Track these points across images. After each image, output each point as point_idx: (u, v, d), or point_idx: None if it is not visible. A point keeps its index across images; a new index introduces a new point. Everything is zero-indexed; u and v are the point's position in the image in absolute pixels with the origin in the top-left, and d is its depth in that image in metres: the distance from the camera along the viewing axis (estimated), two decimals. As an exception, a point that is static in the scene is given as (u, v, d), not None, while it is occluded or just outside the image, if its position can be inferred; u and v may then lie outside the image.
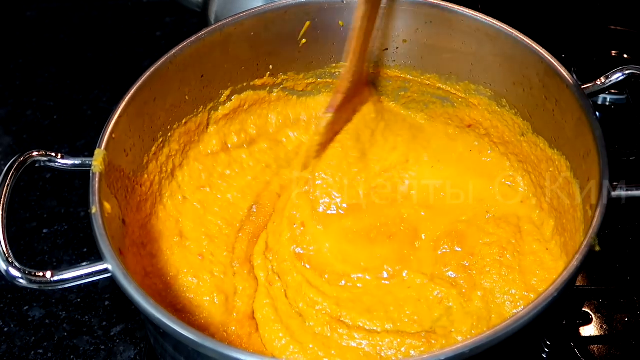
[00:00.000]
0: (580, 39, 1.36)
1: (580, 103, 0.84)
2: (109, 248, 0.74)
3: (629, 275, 1.04)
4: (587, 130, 0.82)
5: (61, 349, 1.02)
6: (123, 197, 0.87)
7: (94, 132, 1.32)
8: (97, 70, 1.45)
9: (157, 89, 0.93)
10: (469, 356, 0.65)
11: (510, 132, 1.01)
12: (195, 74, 0.97)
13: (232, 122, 1.05)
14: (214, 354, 0.68)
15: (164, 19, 1.55)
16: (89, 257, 1.13)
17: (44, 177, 1.25)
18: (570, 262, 0.71)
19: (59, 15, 1.58)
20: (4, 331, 1.05)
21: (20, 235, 1.16)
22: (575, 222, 0.87)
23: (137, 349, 1.02)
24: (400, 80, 1.06)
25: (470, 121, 1.05)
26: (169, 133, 0.97)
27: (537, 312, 0.67)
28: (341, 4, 0.99)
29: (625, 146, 1.19)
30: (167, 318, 0.69)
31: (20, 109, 1.38)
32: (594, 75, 0.93)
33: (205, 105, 1.01)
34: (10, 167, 0.81)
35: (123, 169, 0.88)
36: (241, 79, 1.02)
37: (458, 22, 0.94)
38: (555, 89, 0.89)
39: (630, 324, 0.99)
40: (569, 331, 0.97)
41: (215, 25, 0.97)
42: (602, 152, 0.79)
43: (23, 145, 1.31)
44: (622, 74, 0.90)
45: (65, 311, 1.07)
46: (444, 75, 1.03)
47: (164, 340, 0.80)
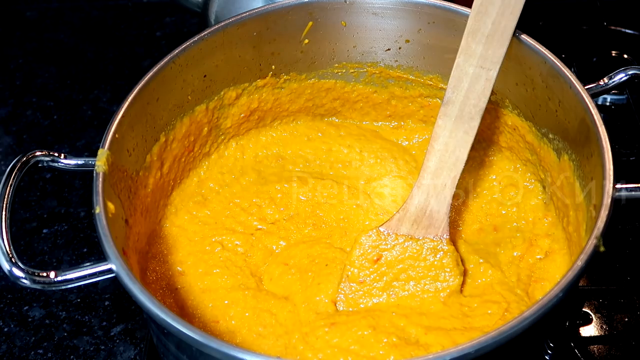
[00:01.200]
0: (580, 39, 1.36)
1: (583, 104, 0.84)
2: (112, 248, 0.74)
3: (629, 275, 1.04)
4: (591, 130, 0.82)
5: (61, 349, 1.02)
6: (126, 197, 0.87)
7: (94, 132, 1.32)
8: (97, 70, 1.45)
9: (160, 89, 0.92)
10: (474, 356, 0.65)
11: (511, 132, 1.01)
12: (198, 74, 0.97)
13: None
14: (217, 353, 0.68)
15: (164, 19, 1.55)
16: (89, 257, 1.13)
17: (44, 177, 1.25)
18: (575, 263, 0.72)
19: (59, 15, 1.58)
20: (4, 331, 1.04)
21: (20, 235, 1.16)
22: (577, 223, 0.87)
23: (137, 349, 1.02)
24: (403, 80, 1.06)
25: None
26: (171, 133, 0.97)
27: (542, 312, 0.67)
28: (344, 4, 0.99)
29: (625, 146, 1.19)
30: (171, 318, 0.69)
31: (20, 109, 1.38)
32: (594, 75, 0.93)
33: (208, 106, 1.01)
34: (13, 167, 0.81)
35: (126, 169, 0.87)
36: (244, 79, 1.02)
37: (461, 23, 0.94)
38: (558, 89, 0.89)
39: (630, 324, 0.99)
40: (569, 331, 0.98)
41: (218, 26, 0.97)
42: (606, 153, 0.79)
43: (23, 145, 1.31)
44: (625, 75, 0.90)
45: (65, 311, 1.06)
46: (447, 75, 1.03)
47: (166, 340, 0.80)
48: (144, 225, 0.93)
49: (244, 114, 1.05)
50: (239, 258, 0.96)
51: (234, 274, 0.94)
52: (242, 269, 0.95)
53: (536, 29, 0.98)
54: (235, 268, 0.95)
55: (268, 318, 0.89)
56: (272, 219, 1.01)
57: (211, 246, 0.97)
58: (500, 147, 1.05)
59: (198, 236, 0.98)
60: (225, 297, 0.91)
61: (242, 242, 0.98)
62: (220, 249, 0.96)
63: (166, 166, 0.98)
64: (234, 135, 1.07)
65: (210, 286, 0.93)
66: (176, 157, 0.99)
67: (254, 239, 0.98)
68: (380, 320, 0.86)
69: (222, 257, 0.96)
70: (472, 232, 0.99)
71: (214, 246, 0.97)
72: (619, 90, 1.23)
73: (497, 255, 0.95)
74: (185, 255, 0.96)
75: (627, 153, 1.18)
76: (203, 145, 1.03)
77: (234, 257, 0.96)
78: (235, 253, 0.97)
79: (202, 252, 0.97)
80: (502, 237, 0.98)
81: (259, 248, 0.97)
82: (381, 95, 1.09)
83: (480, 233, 0.99)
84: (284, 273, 0.94)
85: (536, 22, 1.38)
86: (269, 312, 0.90)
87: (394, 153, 1.08)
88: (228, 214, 1.01)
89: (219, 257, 0.96)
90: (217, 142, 1.05)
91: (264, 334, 0.88)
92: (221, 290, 0.92)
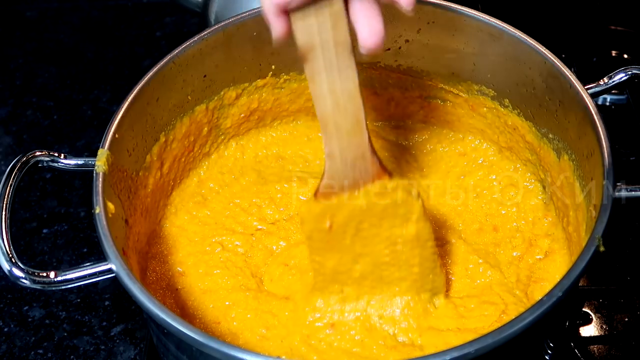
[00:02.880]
0: (580, 39, 1.36)
1: (584, 104, 0.84)
2: (112, 248, 0.75)
3: (629, 275, 1.04)
4: (591, 130, 0.82)
5: (61, 349, 1.02)
6: (126, 198, 0.87)
7: (94, 132, 1.32)
8: (97, 70, 1.45)
9: (160, 89, 0.92)
10: (474, 356, 0.65)
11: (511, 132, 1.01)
12: (198, 74, 0.97)
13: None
14: (217, 353, 0.68)
15: (164, 19, 1.55)
16: (89, 257, 1.13)
17: (44, 177, 1.25)
18: (575, 263, 0.72)
19: (59, 15, 1.58)
20: (4, 331, 1.04)
21: (20, 235, 1.15)
22: (577, 223, 0.87)
23: (137, 349, 1.02)
24: (402, 80, 1.06)
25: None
26: (171, 133, 0.97)
27: (542, 312, 0.67)
28: (343, 4, 0.99)
29: (625, 146, 1.19)
30: (171, 318, 0.69)
31: (20, 109, 1.38)
32: (594, 75, 0.93)
33: (208, 106, 1.01)
34: (13, 167, 0.81)
35: (126, 169, 0.88)
36: (244, 79, 1.02)
37: (461, 22, 0.94)
38: (558, 89, 0.89)
39: (630, 324, 0.99)
40: (569, 331, 0.98)
41: (217, 26, 0.97)
42: (606, 153, 0.79)
43: (23, 145, 1.31)
44: (625, 74, 0.90)
45: (65, 311, 1.06)
46: (447, 75, 1.03)
47: (166, 340, 0.80)
48: (144, 225, 0.93)
49: (243, 114, 1.05)
50: (239, 258, 0.96)
51: (235, 274, 0.94)
52: (242, 269, 0.95)
53: (536, 29, 0.98)
54: (236, 269, 0.95)
55: (270, 319, 0.89)
56: (272, 219, 1.01)
57: (211, 246, 0.97)
58: (500, 147, 1.05)
59: (198, 236, 0.98)
60: (226, 298, 0.91)
61: (242, 243, 0.98)
62: (221, 250, 0.96)
63: (166, 166, 0.98)
64: (234, 135, 1.07)
65: (211, 287, 0.93)
66: (176, 157, 0.99)
67: (254, 240, 0.98)
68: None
69: (223, 257, 0.96)
70: (472, 232, 0.99)
71: (214, 246, 0.97)
72: (619, 90, 1.23)
73: (496, 255, 0.96)
74: (186, 255, 0.96)
75: (627, 153, 1.18)
76: (203, 145, 1.03)
77: (234, 258, 0.96)
78: (235, 253, 0.97)
79: (202, 252, 0.97)
80: (502, 237, 0.98)
81: (259, 248, 0.97)
82: (381, 96, 1.09)
83: (479, 233, 0.99)
84: (284, 274, 0.94)
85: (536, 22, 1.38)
86: (271, 314, 0.89)
87: (394, 153, 1.08)
88: (228, 214, 1.01)
89: (220, 258, 0.96)
90: (217, 142, 1.05)
91: (267, 335, 0.88)
92: (222, 291, 0.92)
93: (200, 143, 1.03)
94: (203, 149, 1.04)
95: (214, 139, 1.04)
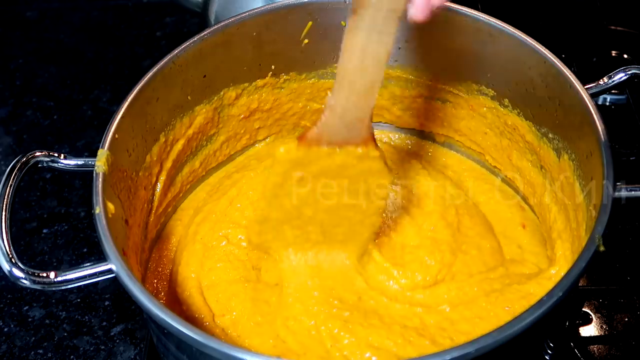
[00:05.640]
0: (580, 39, 1.36)
1: (583, 103, 0.84)
2: (113, 248, 0.75)
3: (629, 275, 1.04)
4: (591, 130, 0.82)
5: (61, 349, 1.02)
6: (126, 198, 0.87)
7: (94, 132, 1.32)
8: (97, 70, 1.45)
9: (160, 89, 0.93)
10: (475, 356, 0.65)
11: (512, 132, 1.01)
12: (198, 74, 0.97)
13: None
14: (217, 354, 0.68)
15: (164, 19, 1.55)
16: (89, 257, 1.13)
17: (44, 177, 1.25)
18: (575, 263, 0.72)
19: (59, 15, 1.58)
20: (4, 331, 1.04)
21: (20, 235, 1.15)
22: (577, 223, 0.87)
23: (137, 349, 1.02)
24: (402, 80, 1.06)
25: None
26: (171, 133, 0.97)
27: (542, 312, 0.67)
28: (343, 4, 0.99)
29: (625, 146, 1.19)
30: (171, 318, 0.69)
31: (20, 109, 1.38)
32: (593, 75, 0.93)
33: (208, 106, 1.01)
34: (13, 167, 0.81)
35: (126, 169, 0.88)
36: (244, 79, 1.02)
37: (460, 22, 0.94)
38: (558, 89, 0.89)
39: (630, 324, 0.99)
40: (569, 331, 0.98)
41: (217, 26, 0.97)
42: (606, 152, 0.79)
43: (23, 145, 1.31)
44: (624, 74, 0.90)
45: (65, 311, 1.06)
46: (447, 75, 1.03)
47: (166, 340, 0.80)
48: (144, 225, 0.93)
49: (243, 114, 1.05)
50: (242, 252, 0.97)
51: (236, 267, 0.95)
52: (244, 262, 0.95)
53: (536, 29, 0.98)
54: (238, 262, 0.95)
55: (265, 307, 0.90)
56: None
57: (217, 240, 0.97)
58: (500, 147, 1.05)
59: (203, 231, 0.98)
60: (228, 291, 0.92)
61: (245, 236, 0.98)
62: (226, 243, 0.97)
63: (166, 166, 0.98)
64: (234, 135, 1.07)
65: (215, 281, 0.93)
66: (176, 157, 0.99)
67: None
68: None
69: (227, 250, 0.96)
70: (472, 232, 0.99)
71: (220, 240, 0.97)
72: (619, 90, 1.23)
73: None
74: (186, 255, 0.96)
75: (627, 153, 1.18)
76: (203, 145, 1.03)
77: (237, 251, 0.96)
78: (239, 247, 0.97)
79: (206, 247, 0.97)
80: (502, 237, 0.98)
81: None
82: (381, 95, 1.09)
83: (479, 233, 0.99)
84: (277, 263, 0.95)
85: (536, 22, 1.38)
86: (266, 303, 0.90)
87: (393, 154, 1.08)
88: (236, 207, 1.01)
89: (224, 251, 0.96)
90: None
91: (261, 322, 0.89)
92: (224, 284, 0.93)
93: (201, 143, 1.03)
94: (203, 149, 1.04)
95: (214, 138, 1.04)
